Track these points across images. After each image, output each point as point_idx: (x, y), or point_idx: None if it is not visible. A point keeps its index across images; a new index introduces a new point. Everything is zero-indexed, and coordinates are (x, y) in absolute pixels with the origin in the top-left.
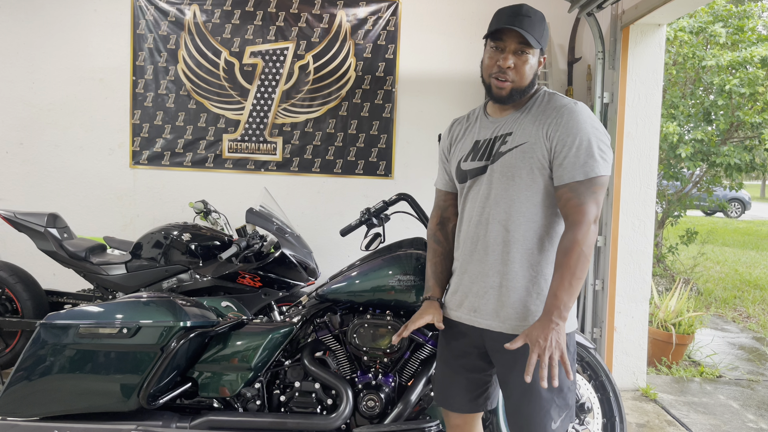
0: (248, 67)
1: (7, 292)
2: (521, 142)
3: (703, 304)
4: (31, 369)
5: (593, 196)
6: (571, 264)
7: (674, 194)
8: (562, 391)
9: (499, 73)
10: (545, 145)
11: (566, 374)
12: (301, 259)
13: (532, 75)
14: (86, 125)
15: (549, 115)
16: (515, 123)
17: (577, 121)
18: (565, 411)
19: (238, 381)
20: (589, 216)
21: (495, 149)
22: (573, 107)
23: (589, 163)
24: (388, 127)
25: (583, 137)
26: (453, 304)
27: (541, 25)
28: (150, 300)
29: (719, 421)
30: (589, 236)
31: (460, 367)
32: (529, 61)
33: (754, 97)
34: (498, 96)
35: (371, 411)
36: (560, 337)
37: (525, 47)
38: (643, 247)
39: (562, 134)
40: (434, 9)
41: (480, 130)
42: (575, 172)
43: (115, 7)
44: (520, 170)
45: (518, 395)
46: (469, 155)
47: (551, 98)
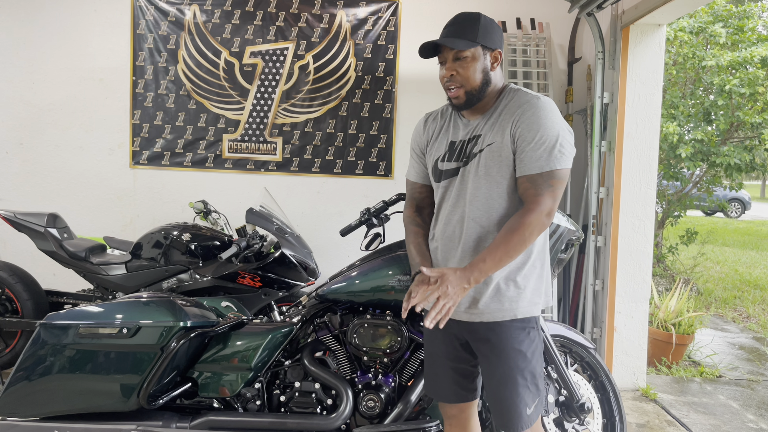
0: (248, 67)
1: (7, 292)
2: (490, 142)
3: (703, 304)
4: (31, 369)
5: (550, 189)
6: (511, 242)
7: (674, 194)
8: (534, 378)
9: (447, 83)
10: (510, 142)
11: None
12: (301, 259)
13: (481, 74)
14: (86, 125)
15: (513, 112)
16: (485, 123)
17: (538, 116)
18: (538, 397)
19: (238, 381)
20: (542, 206)
21: (468, 150)
22: (535, 102)
23: (546, 157)
24: (388, 127)
25: (544, 132)
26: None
27: (474, 24)
28: (150, 300)
29: (719, 421)
30: (537, 225)
31: (445, 358)
32: (470, 63)
33: (754, 97)
34: (457, 104)
35: (371, 411)
36: (461, 295)
37: (459, 52)
38: (643, 247)
39: (523, 129)
40: (434, 9)
41: (454, 131)
42: (533, 165)
43: (115, 7)
44: (491, 169)
45: (496, 383)
46: (445, 156)
47: (515, 95)
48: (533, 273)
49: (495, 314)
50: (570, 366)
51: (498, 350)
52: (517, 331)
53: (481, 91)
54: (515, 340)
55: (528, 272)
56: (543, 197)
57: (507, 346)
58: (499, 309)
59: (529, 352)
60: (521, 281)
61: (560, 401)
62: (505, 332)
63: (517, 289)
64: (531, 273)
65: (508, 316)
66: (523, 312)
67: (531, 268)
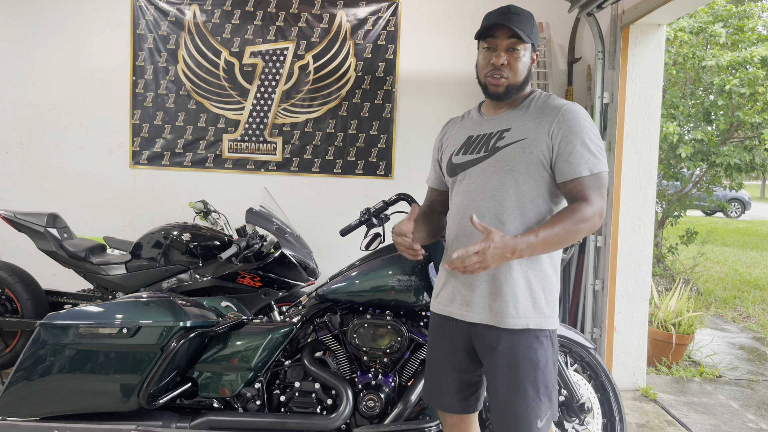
0: (248, 67)
1: (7, 292)
2: (521, 138)
3: (703, 304)
4: (31, 369)
5: (599, 192)
6: (568, 228)
7: (674, 194)
8: (547, 389)
9: (493, 71)
10: (547, 143)
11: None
12: (301, 259)
13: (525, 71)
14: (86, 125)
15: (549, 113)
16: (513, 120)
17: (579, 120)
18: (550, 410)
19: (238, 381)
20: (597, 206)
21: (491, 144)
22: (574, 107)
23: (593, 160)
24: (388, 127)
25: (585, 135)
26: (444, 299)
27: (530, 21)
28: (150, 300)
29: (719, 421)
30: (592, 221)
31: (449, 365)
32: (521, 58)
33: (754, 97)
34: (495, 93)
35: (371, 411)
36: (498, 261)
37: (516, 43)
38: (643, 247)
39: (566, 132)
40: (434, 9)
41: (474, 126)
42: (582, 168)
43: (115, 7)
44: (518, 164)
45: (505, 392)
46: (461, 149)
47: (549, 98)
48: (550, 285)
49: (507, 321)
50: (570, 366)
51: (507, 359)
52: (530, 339)
53: (521, 87)
54: (528, 349)
55: (546, 282)
56: (596, 198)
57: (518, 354)
58: (513, 316)
59: (542, 362)
60: (537, 290)
61: (560, 401)
62: (516, 340)
63: (532, 298)
64: (548, 284)
65: (521, 325)
66: (537, 323)
67: (549, 278)
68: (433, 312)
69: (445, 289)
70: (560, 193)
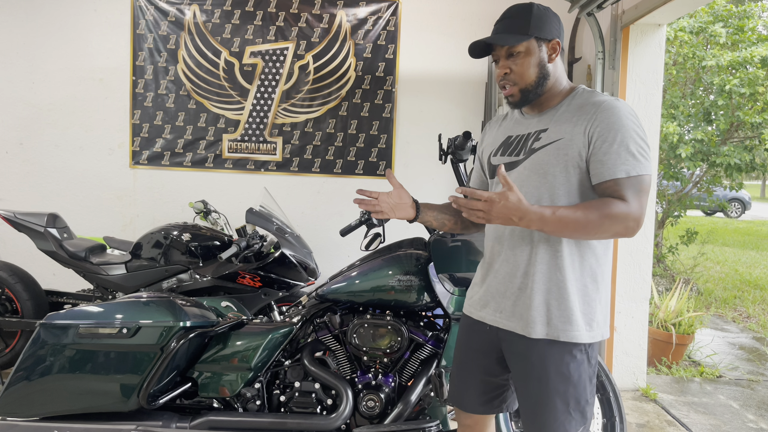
0: (248, 67)
1: (7, 292)
2: (556, 139)
3: (703, 304)
4: (31, 369)
5: (638, 196)
6: (590, 218)
7: (674, 194)
8: (579, 404)
9: (501, 81)
10: (582, 141)
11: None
12: (301, 259)
13: (536, 69)
14: (86, 125)
15: (587, 110)
16: (550, 119)
17: (619, 116)
18: (582, 425)
19: (238, 381)
20: (632, 210)
21: (528, 145)
22: (614, 103)
23: (632, 161)
24: (388, 127)
25: (625, 134)
26: (477, 303)
27: (526, 15)
28: (150, 300)
29: (719, 421)
30: (621, 223)
31: (476, 368)
32: (524, 58)
33: (754, 97)
34: (513, 102)
35: (371, 411)
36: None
37: (512, 48)
38: (643, 247)
39: (603, 129)
40: (434, 9)
41: (514, 126)
42: (618, 169)
43: (115, 7)
44: (553, 167)
45: (532, 404)
46: (499, 150)
47: (590, 95)
48: (587, 296)
49: (537, 330)
50: None
51: (538, 370)
52: (562, 352)
53: (537, 86)
54: (560, 362)
55: (583, 293)
56: (633, 200)
57: (548, 367)
58: (543, 326)
59: (576, 376)
60: (574, 301)
61: None
62: (547, 352)
63: (567, 309)
64: (585, 295)
65: (551, 336)
66: (569, 336)
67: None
68: (465, 314)
69: (479, 292)
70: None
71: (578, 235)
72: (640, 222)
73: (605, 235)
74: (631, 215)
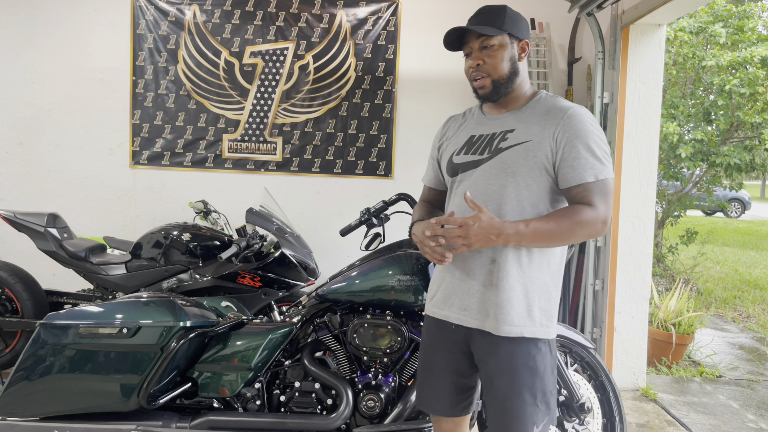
0: (248, 67)
1: (7, 292)
2: (525, 140)
3: (703, 304)
4: (31, 369)
5: (605, 198)
6: (562, 226)
7: (674, 194)
8: (545, 396)
9: (473, 72)
10: (551, 145)
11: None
12: (301, 259)
13: (509, 63)
14: (86, 125)
15: (555, 115)
16: (517, 120)
17: (584, 123)
18: (547, 416)
19: (238, 381)
20: (600, 213)
21: (494, 145)
22: (579, 110)
23: (599, 166)
24: (388, 127)
25: (590, 140)
26: (440, 302)
27: (501, 14)
28: (150, 300)
29: (719, 421)
30: (592, 227)
31: (446, 370)
32: (498, 51)
33: (754, 97)
34: (483, 95)
35: (371, 411)
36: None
37: (486, 40)
38: (643, 247)
39: (571, 136)
40: (434, 9)
41: (476, 125)
42: (587, 173)
43: (115, 7)
44: (521, 167)
45: (502, 399)
46: (462, 149)
47: (554, 100)
48: (547, 293)
49: (503, 328)
50: (570, 366)
51: (506, 365)
52: (528, 346)
53: (508, 81)
54: (526, 356)
55: (542, 291)
56: (600, 204)
57: (516, 361)
58: (508, 324)
59: (540, 369)
60: (533, 299)
61: (560, 401)
62: (514, 348)
63: (528, 306)
64: (544, 293)
65: (515, 333)
66: (532, 332)
67: (546, 287)
68: (428, 315)
69: (440, 291)
70: (562, 198)
71: (553, 243)
72: (607, 223)
73: (577, 240)
74: (599, 218)
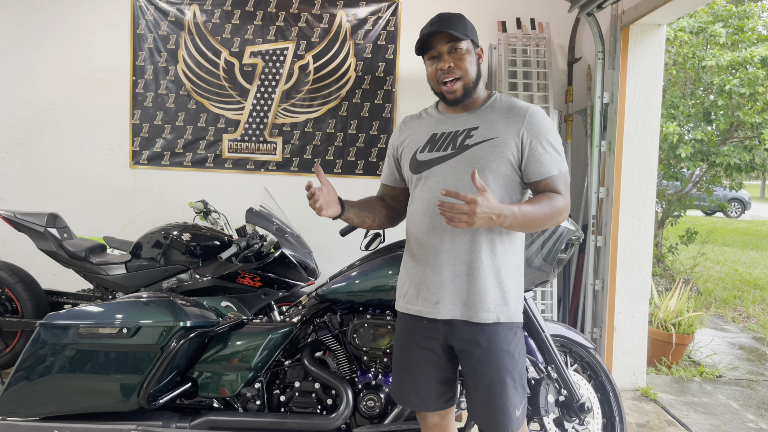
0: (248, 67)
1: (7, 292)
2: (491, 137)
3: (703, 304)
4: (31, 369)
5: (566, 188)
6: (546, 212)
7: (674, 194)
8: (522, 379)
9: (444, 75)
10: (516, 142)
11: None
12: (301, 259)
13: (475, 68)
14: (86, 125)
15: (517, 114)
16: (478, 119)
17: (545, 121)
18: (524, 398)
19: (238, 381)
20: (566, 199)
21: (458, 141)
22: (538, 109)
23: (560, 159)
24: (388, 127)
25: (551, 136)
26: (411, 297)
27: (462, 21)
28: (150, 300)
29: (719, 421)
30: (561, 216)
31: (427, 366)
32: (465, 56)
33: (754, 97)
34: (453, 99)
35: (371, 411)
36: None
37: (455, 43)
38: (643, 247)
39: (536, 133)
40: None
41: (437, 124)
42: (552, 167)
43: (115, 7)
44: (489, 162)
45: (486, 386)
46: (426, 146)
47: (510, 100)
48: (516, 279)
49: (480, 315)
50: (570, 366)
51: (487, 352)
52: (505, 331)
53: (475, 85)
54: (504, 341)
55: (513, 277)
56: (566, 194)
57: (496, 347)
58: (486, 310)
59: (516, 353)
60: (507, 285)
61: (560, 401)
62: (494, 333)
63: (502, 293)
64: (515, 279)
65: (492, 319)
66: (507, 317)
67: (515, 273)
68: (400, 312)
69: (411, 287)
70: (526, 191)
71: (535, 227)
72: (568, 212)
73: (549, 226)
74: (567, 206)
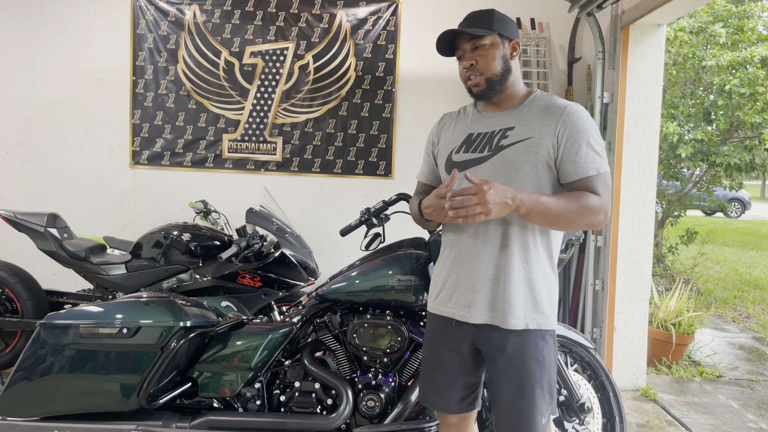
0: (248, 67)
1: (7, 292)
2: (526, 137)
3: (703, 304)
4: (31, 369)
5: (607, 189)
6: (571, 208)
7: (674, 194)
8: (550, 387)
9: (467, 73)
10: (552, 141)
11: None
12: (301, 259)
13: (500, 62)
14: (86, 125)
15: (554, 113)
16: (515, 118)
17: (584, 120)
18: (551, 406)
19: (238, 381)
20: (605, 204)
21: (494, 142)
22: (577, 107)
23: (600, 160)
24: (388, 127)
25: (590, 136)
26: (443, 299)
27: (489, 17)
28: (150, 300)
29: (719, 421)
30: (595, 215)
31: (453, 368)
32: (489, 50)
33: (754, 97)
34: (478, 93)
35: (371, 411)
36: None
37: (477, 41)
38: (643, 247)
39: (572, 132)
40: (434, 9)
41: (473, 123)
42: (589, 167)
43: (115, 7)
44: (524, 164)
45: (512, 393)
46: (461, 147)
47: (550, 98)
48: (551, 284)
49: (511, 321)
50: (570, 366)
51: (515, 360)
52: (536, 339)
53: (502, 79)
54: (534, 349)
55: (547, 282)
56: (605, 194)
57: (526, 354)
58: (516, 317)
59: (547, 360)
60: (540, 290)
61: (560, 401)
62: (523, 341)
63: (534, 298)
64: (549, 284)
65: (522, 326)
66: (538, 323)
67: (549, 278)
68: (431, 313)
69: (444, 289)
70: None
71: (558, 222)
72: (608, 215)
73: (579, 226)
74: (604, 207)
